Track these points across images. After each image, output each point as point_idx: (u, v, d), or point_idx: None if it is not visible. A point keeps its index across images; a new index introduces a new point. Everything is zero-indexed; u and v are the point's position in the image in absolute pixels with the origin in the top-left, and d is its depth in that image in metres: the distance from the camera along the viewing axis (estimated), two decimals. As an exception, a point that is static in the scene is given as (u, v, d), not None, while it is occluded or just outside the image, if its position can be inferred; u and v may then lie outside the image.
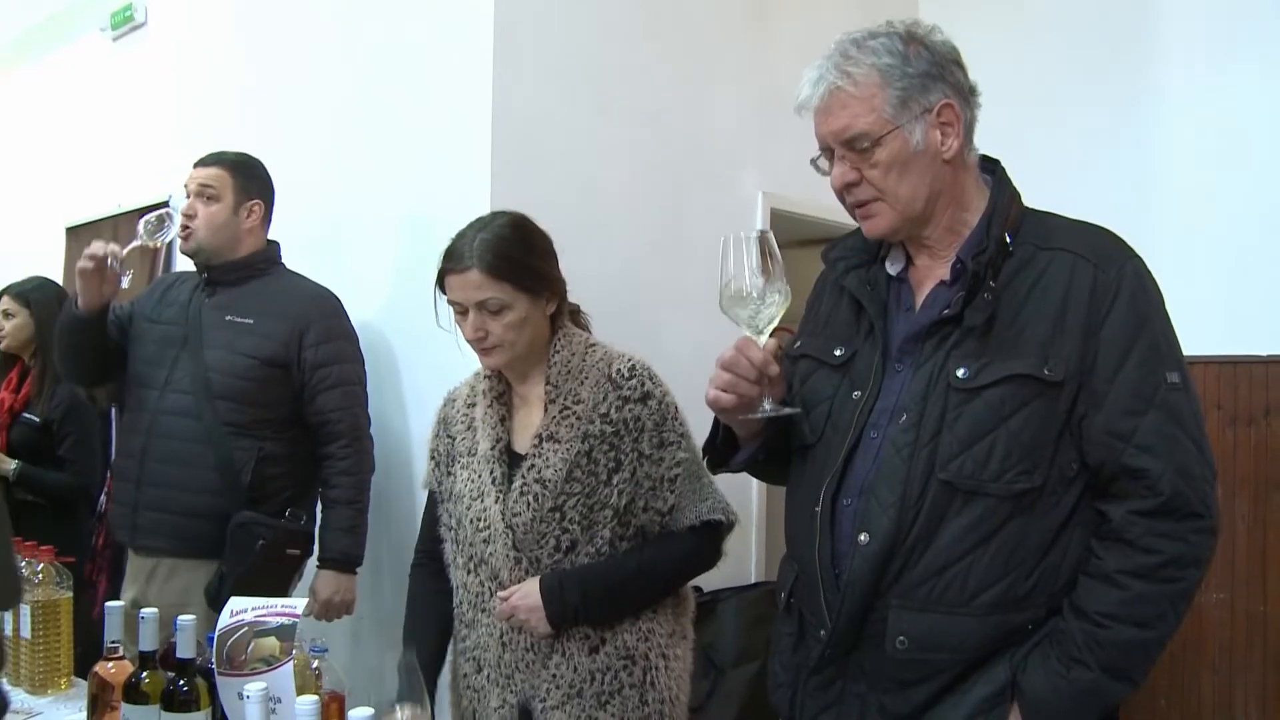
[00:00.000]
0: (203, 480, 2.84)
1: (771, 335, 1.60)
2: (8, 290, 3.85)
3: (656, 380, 2.07)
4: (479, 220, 2.08)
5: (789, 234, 3.63)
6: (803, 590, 1.73)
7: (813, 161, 1.71)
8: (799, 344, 1.83)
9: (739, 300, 1.57)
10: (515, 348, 2.04)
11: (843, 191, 1.67)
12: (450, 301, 2.05)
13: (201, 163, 3.00)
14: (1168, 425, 1.54)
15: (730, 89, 3.80)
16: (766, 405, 1.60)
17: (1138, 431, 1.54)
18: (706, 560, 2.13)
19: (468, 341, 2.06)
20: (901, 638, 1.59)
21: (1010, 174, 1.73)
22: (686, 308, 3.33)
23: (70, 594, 2.48)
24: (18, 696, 2.42)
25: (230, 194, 2.96)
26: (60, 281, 4.27)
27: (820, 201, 3.47)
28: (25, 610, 2.43)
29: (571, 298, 2.18)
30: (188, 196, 2.97)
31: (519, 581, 2.02)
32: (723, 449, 1.81)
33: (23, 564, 2.47)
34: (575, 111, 3.31)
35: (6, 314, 3.81)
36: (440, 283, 2.05)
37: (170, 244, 3.18)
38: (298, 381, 2.92)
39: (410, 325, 3.35)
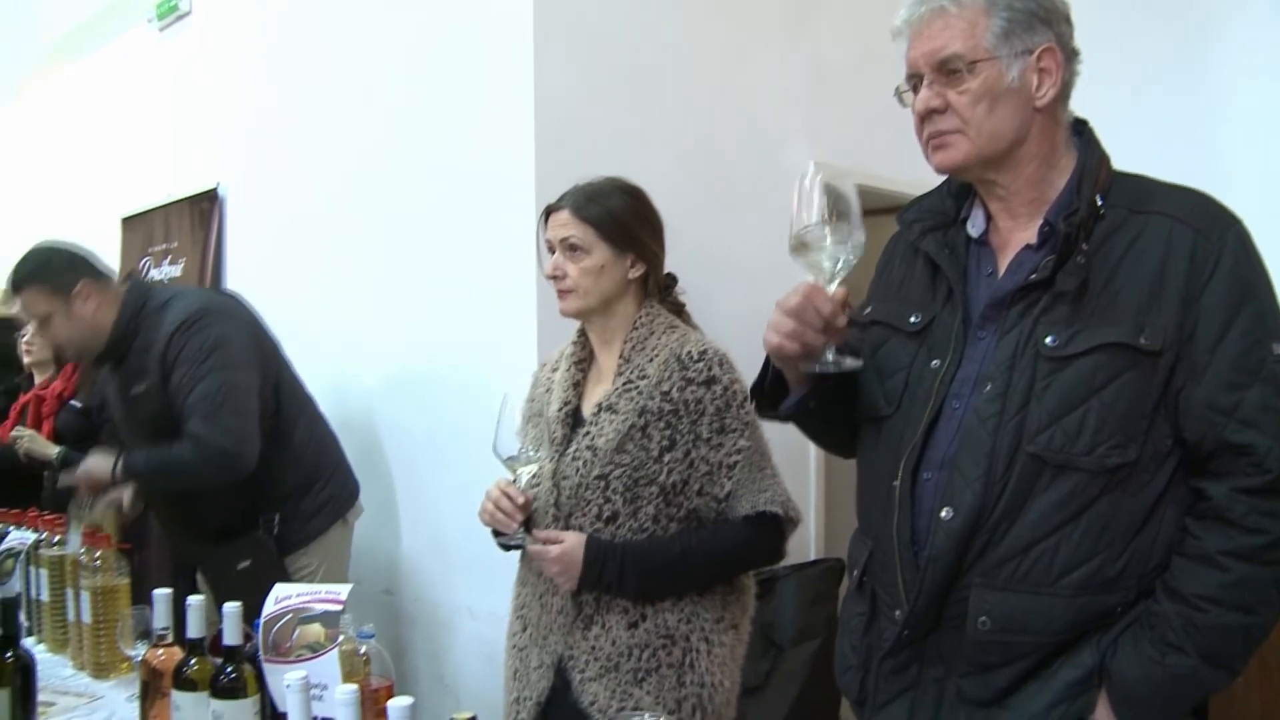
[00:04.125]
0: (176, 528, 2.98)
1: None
2: None
3: (726, 367, 2.04)
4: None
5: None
6: (877, 568, 1.66)
7: (897, 92, 1.62)
8: (869, 310, 1.74)
9: (808, 245, 1.50)
10: (588, 297, 2.07)
11: (924, 120, 1.58)
12: (545, 240, 2.12)
13: (7, 296, 3.00)
14: (1275, 399, 1.45)
15: (777, 56, 3.71)
16: (829, 356, 1.52)
17: (1241, 406, 1.45)
18: (762, 554, 2.09)
19: (547, 279, 2.11)
20: (983, 618, 1.51)
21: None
22: (736, 279, 3.27)
23: (128, 580, 2.49)
24: (80, 680, 2.44)
25: (52, 304, 2.89)
26: (118, 270, 4.30)
27: (873, 170, 3.43)
28: (85, 596, 2.45)
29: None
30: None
31: (541, 544, 2.00)
32: (771, 393, 1.73)
33: (82, 551, 2.49)
34: (618, 83, 3.25)
35: None
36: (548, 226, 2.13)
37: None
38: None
39: (458, 313, 3.33)
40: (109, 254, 5.16)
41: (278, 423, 3.03)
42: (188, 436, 2.79)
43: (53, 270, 2.91)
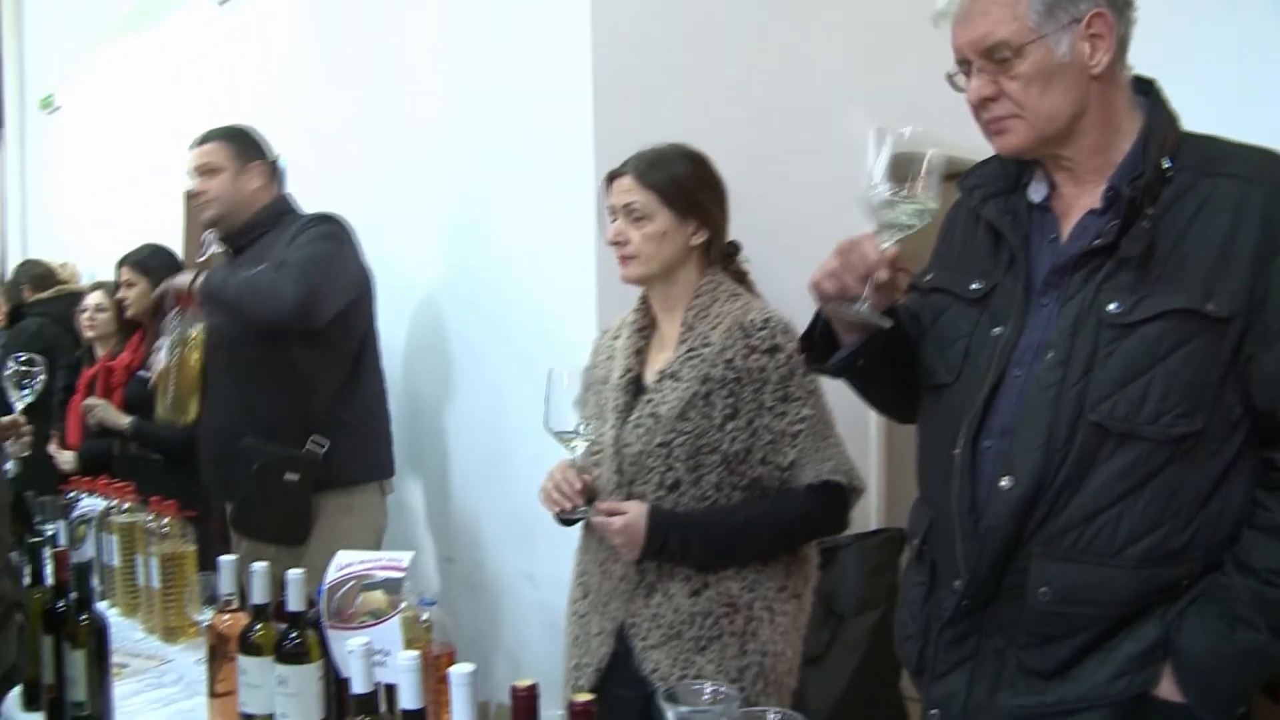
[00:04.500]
0: (234, 426, 3.02)
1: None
2: (125, 260, 3.95)
3: (790, 335, 2.02)
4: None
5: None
6: (937, 538, 1.64)
7: (948, 77, 1.59)
8: (930, 276, 1.72)
9: (871, 202, 1.51)
10: (650, 263, 2.07)
11: (979, 108, 1.55)
12: (608, 207, 2.12)
13: (195, 143, 3.18)
14: None
15: (838, 19, 3.65)
16: (863, 307, 1.52)
17: None
18: (826, 524, 2.09)
19: (609, 245, 2.11)
20: (1044, 589, 1.49)
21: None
22: (796, 248, 3.20)
23: (194, 547, 2.54)
24: (151, 643, 2.50)
25: (229, 162, 3.11)
26: (180, 246, 4.36)
27: (938, 137, 3.35)
28: (154, 562, 2.51)
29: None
30: (191, 179, 3.15)
31: (604, 515, 2.01)
32: (820, 346, 1.71)
33: (149, 519, 2.55)
34: (678, 48, 3.21)
35: (127, 283, 3.91)
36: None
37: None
38: None
39: (518, 280, 3.34)
40: (172, 229, 5.24)
41: (354, 369, 3.15)
42: (275, 267, 2.92)
43: (244, 138, 3.20)
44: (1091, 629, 1.50)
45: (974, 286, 1.63)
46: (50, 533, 2.97)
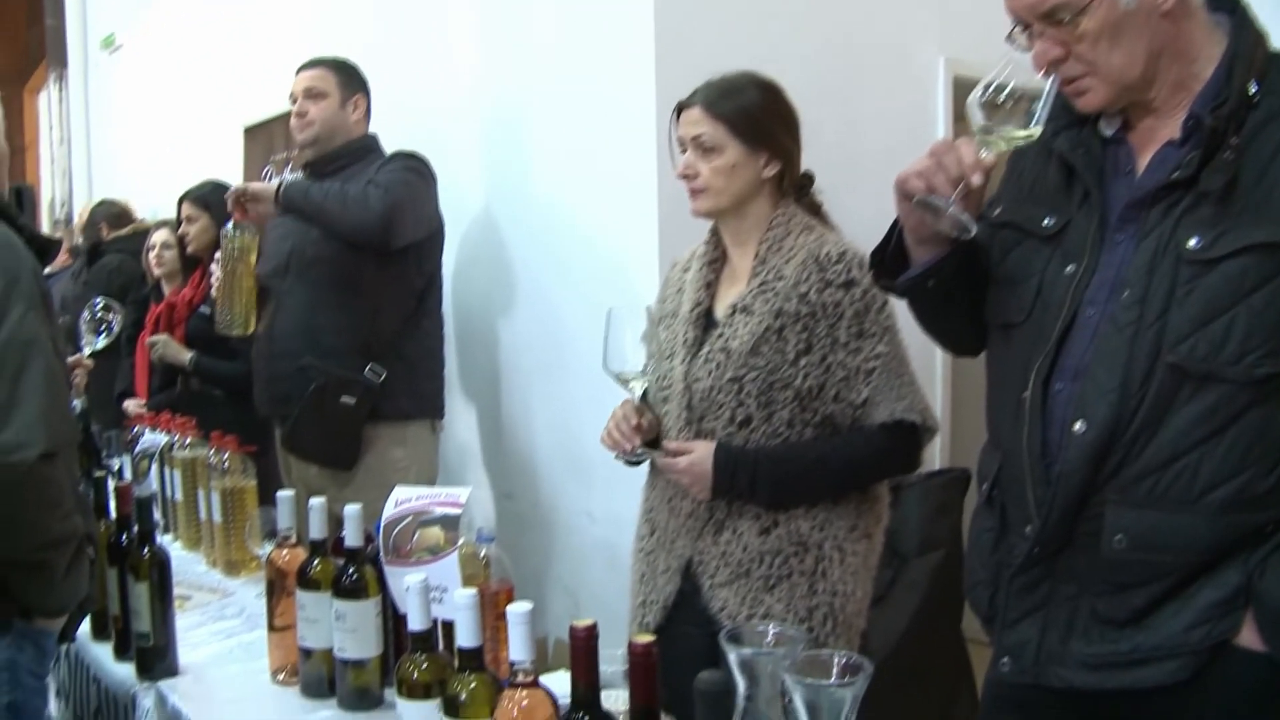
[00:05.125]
0: (295, 346, 3.08)
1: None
2: (186, 196, 3.96)
3: (866, 269, 1.94)
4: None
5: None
6: (1007, 482, 1.58)
7: (1008, 39, 1.51)
8: (999, 211, 1.64)
9: (983, 103, 1.44)
10: (720, 197, 2.00)
11: (1048, 69, 1.47)
12: (676, 139, 2.06)
13: (305, 67, 3.25)
14: None
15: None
16: (951, 208, 1.44)
17: None
18: (899, 463, 2.04)
19: (679, 179, 2.05)
20: (1119, 536, 1.43)
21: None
22: (862, 181, 3.13)
23: (254, 481, 2.56)
24: (213, 576, 2.54)
25: (336, 90, 3.20)
26: (240, 181, 4.36)
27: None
28: (215, 497, 2.53)
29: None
30: (293, 101, 3.21)
31: (671, 455, 1.97)
32: (892, 262, 1.65)
33: (210, 453, 2.56)
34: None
35: (188, 219, 3.92)
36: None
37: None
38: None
39: (580, 213, 3.29)
40: (232, 164, 5.25)
41: (418, 306, 3.20)
42: (361, 182, 3.00)
43: (351, 70, 3.29)
44: (1169, 576, 1.43)
45: (1046, 223, 1.56)
46: (116, 467, 3.03)
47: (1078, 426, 1.44)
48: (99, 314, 3.31)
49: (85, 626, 2.13)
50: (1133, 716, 1.51)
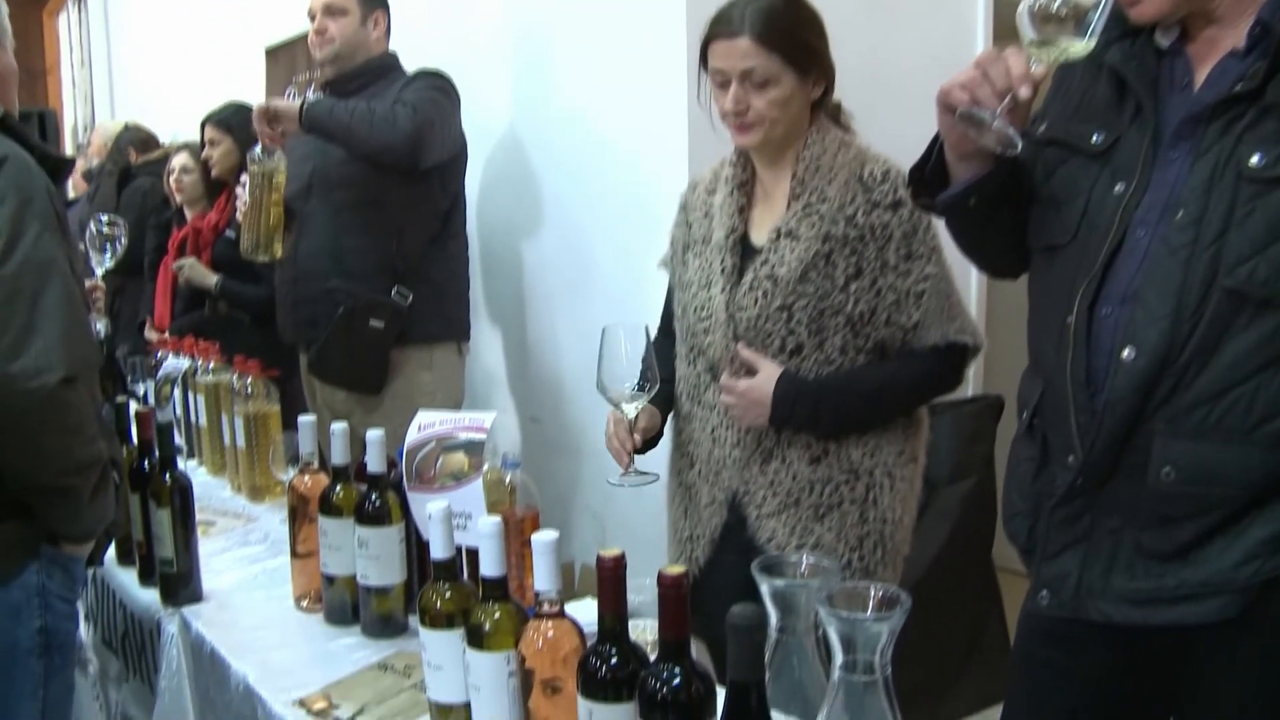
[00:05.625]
0: (321, 269, 3.05)
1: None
2: (209, 119, 3.90)
3: None
4: None
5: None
6: (1049, 411, 1.52)
7: None
8: (1044, 127, 1.56)
9: (1036, 11, 1.34)
10: (775, 127, 1.90)
11: None
12: (713, 70, 1.92)
13: None
14: None
15: None
16: (996, 121, 1.36)
17: None
18: (946, 384, 1.98)
19: (722, 116, 1.93)
20: (1167, 468, 1.37)
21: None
22: (897, 103, 3.05)
23: (278, 406, 2.53)
24: (238, 502, 2.52)
25: (356, 7, 3.13)
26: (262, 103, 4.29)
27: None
28: (239, 422, 2.51)
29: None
30: (312, 18, 3.15)
31: (734, 377, 1.91)
32: (931, 180, 1.57)
33: (234, 378, 2.54)
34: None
35: (211, 142, 3.87)
36: (704, 51, 1.93)
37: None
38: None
39: (610, 134, 3.22)
40: (253, 86, 5.18)
41: (443, 227, 3.15)
42: (386, 101, 2.96)
43: None
44: (1218, 510, 1.38)
45: (1094, 139, 1.48)
46: (141, 393, 3.01)
47: (1126, 353, 1.38)
48: (104, 231, 3.27)
49: (110, 551, 2.13)
50: (1176, 653, 1.47)
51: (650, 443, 2.01)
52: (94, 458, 1.61)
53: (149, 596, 1.96)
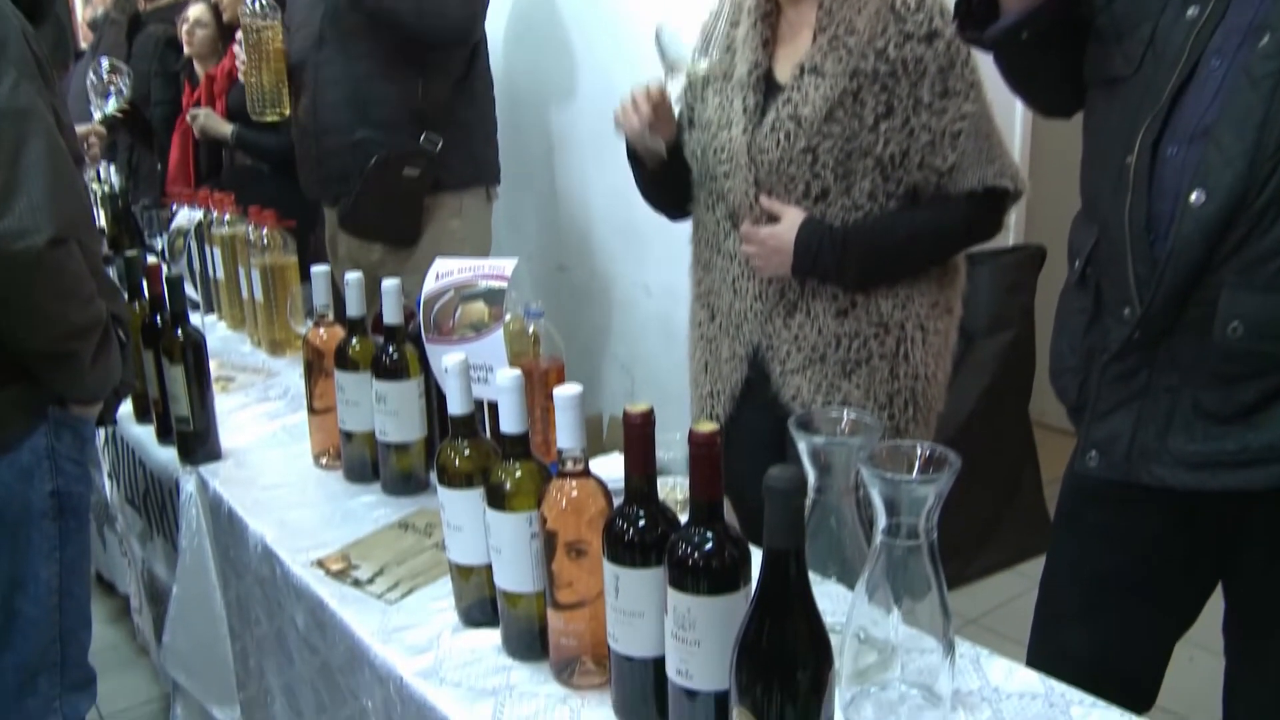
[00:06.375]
0: (345, 121, 2.90)
1: None
2: None
3: (949, 18, 1.71)
4: None
5: None
6: (1104, 259, 1.42)
7: None
8: None
9: None
10: None
11: None
12: None
13: None
14: None
15: None
16: None
17: None
18: (984, 231, 1.85)
19: None
20: (1235, 323, 1.27)
21: None
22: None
23: (295, 258, 2.45)
24: (258, 356, 2.47)
25: None
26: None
27: None
28: (255, 275, 2.44)
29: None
30: None
31: (755, 222, 1.80)
32: (980, 11, 1.46)
33: (249, 229, 2.46)
34: None
35: None
36: None
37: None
38: None
39: None
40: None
41: (468, 68, 3.00)
42: None
43: None
44: None
45: None
46: (159, 247, 2.94)
47: (1194, 197, 1.27)
48: (105, 76, 3.15)
49: (128, 408, 2.09)
50: (1234, 521, 1.40)
51: (656, 170, 1.91)
52: (92, 320, 1.53)
53: (167, 454, 1.93)
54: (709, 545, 0.98)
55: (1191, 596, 1.52)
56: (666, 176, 1.93)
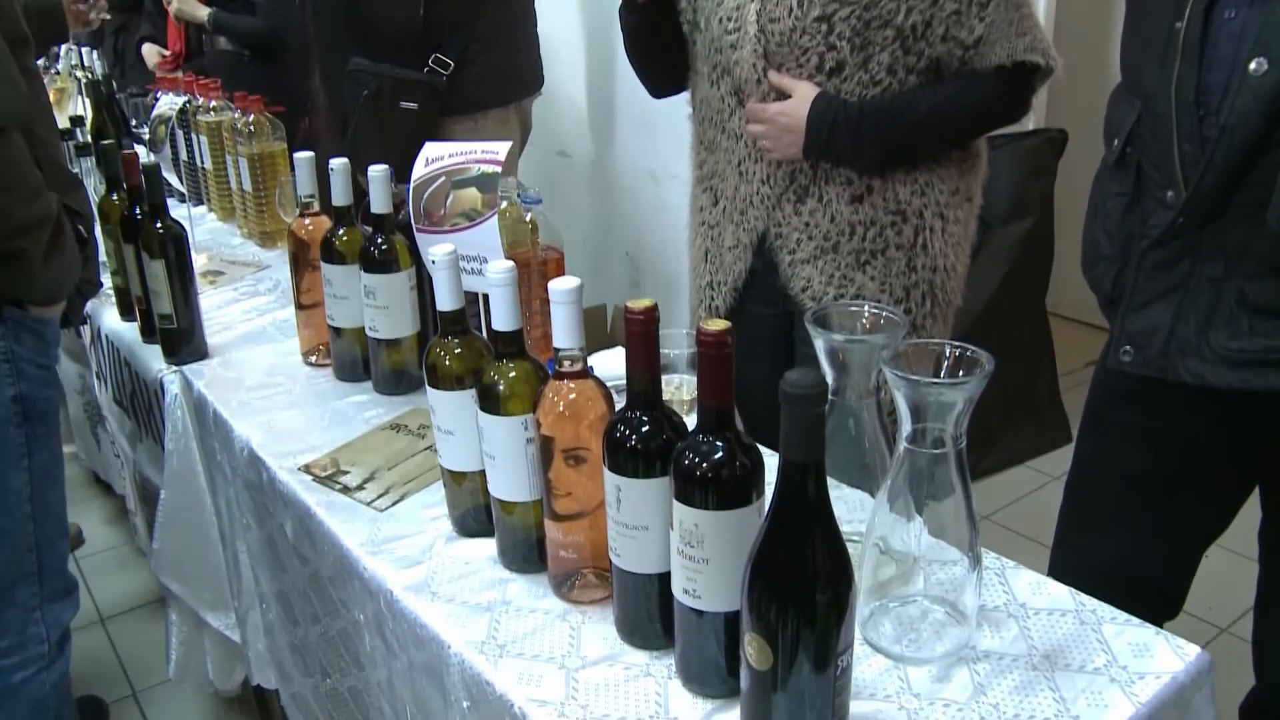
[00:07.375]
0: (341, 40, 2.74)
1: None
2: None
3: None
4: None
5: None
6: (1147, 137, 1.31)
7: None
8: None
9: None
10: None
11: None
12: None
13: None
14: None
15: None
16: None
17: None
18: (1011, 111, 1.72)
19: None
20: None
21: None
22: None
23: (285, 144, 2.34)
24: (248, 249, 2.38)
25: None
26: None
27: None
28: (243, 163, 2.33)
29: None
30: None
31: (763, 100, 1.68)
32: None
33: (236, 114, 2.34)
34: None
35: None
36: None
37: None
38: None
39: None
40: None
41: None
42: None
43: None
44: None
45: None
46: (147, 136, 2.81)
47: (1254, 65, 1.16)
48: None
49: (113, 307, 2.00)
50: (1274, 422, 1.31)
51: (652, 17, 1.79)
52: (39, 216, 1.42)
53: (152, 353, 1.84)
54: (719, 455, 0.89)
55: (1225, 504, 1.45)
56: (655, 30, 1.79)
